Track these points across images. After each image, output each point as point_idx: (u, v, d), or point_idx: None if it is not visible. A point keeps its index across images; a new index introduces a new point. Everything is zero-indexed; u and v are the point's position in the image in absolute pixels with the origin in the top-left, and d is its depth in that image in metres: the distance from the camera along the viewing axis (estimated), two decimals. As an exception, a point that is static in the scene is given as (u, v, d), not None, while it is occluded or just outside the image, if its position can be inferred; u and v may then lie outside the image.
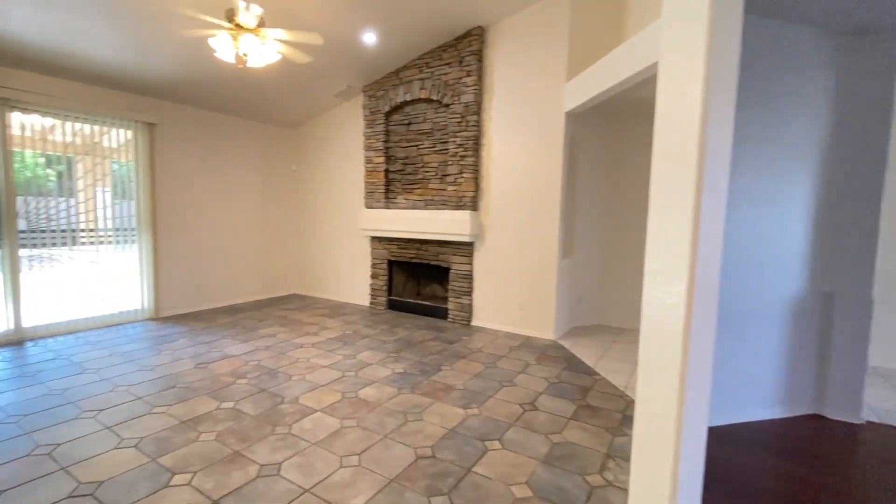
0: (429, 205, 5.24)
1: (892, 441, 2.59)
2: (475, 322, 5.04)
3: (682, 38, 1.29)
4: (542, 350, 4.17)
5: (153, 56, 4.13)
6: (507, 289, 4.77)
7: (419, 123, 5.29)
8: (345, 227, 6.24)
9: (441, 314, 5.29)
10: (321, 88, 5.49)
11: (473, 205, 4.86)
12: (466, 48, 4.69)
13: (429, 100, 5.13)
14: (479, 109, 4.77)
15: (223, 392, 3.10)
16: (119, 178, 4.90)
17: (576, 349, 4.23)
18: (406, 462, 2.29)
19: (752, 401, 2.82)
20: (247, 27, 3.10)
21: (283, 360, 3.75)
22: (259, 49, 3.18)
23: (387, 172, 5.59)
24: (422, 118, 5.26)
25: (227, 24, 3.08)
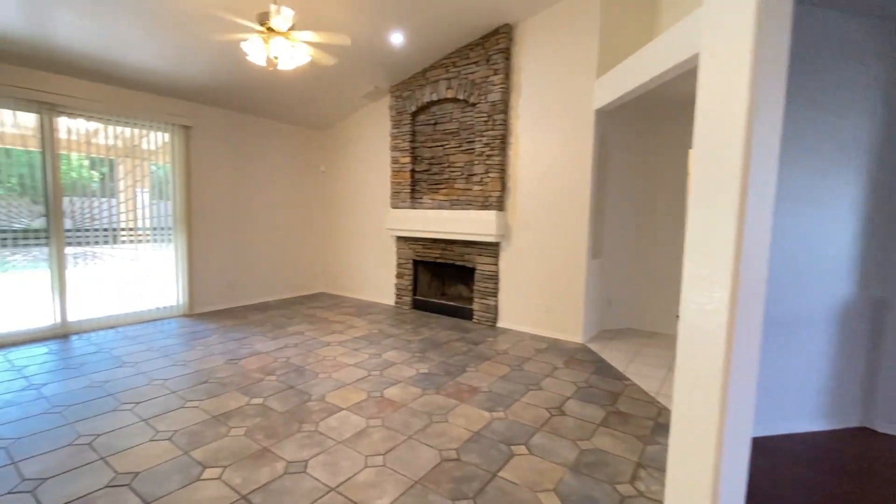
0: (454, 205, 5.22)
1: (954, 460, 2.40)
2: (501, 323, 4.99)
3: (727, 27, 1.22)
4: (570, 353, 4.08)
5: (189, 61, 4.27)
6: (534, 290, 4.69)
7: (445, 123, 5.27)
8: (371, 227, 6.29)
9: (466, 315, 5.26)
10: (348, 90, 5.55)
11: (500, 204, 4.80)
12: (494, 46, 4.64)
13: (455, 99, 5.10)
14: (506, 108, 4.72)
15: (253, 388, 3.16)
16: (157, 179, 5.09)
17: (605, 353, 4.12)
18: (431, 464, 2.27)
19: (795, 411, 2.67)
20: (278, 30, 3.15)
21: (311, 358, 3.80)
22: (289, 51, 3.23)
23: (413, 172, 5.60)
24: (448, 118, 5.24)
25: (259, 28, 3.14)
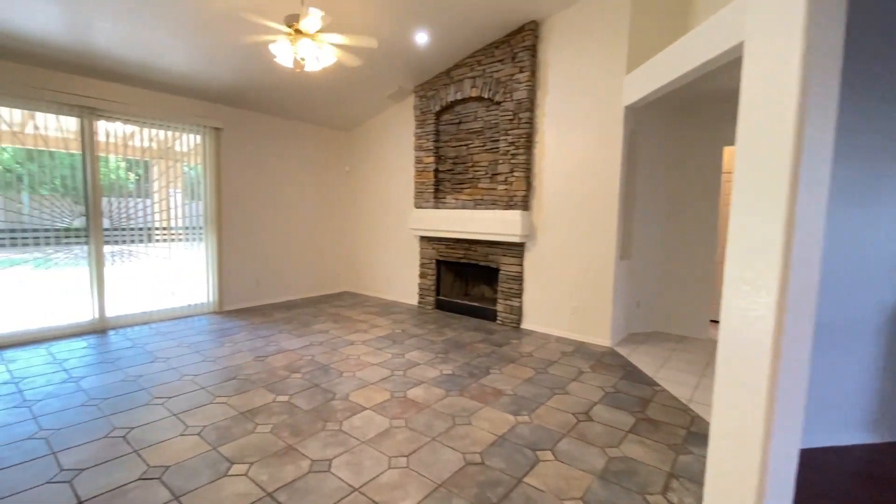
0: (478, 204, 5.17)
1: None
2: (525, 325, 4.91)
3: (775, 12, 1.14)
4: (597, 357, 3.97)
5: (219, 64, 4.37)
6: (560, 291, 4.60)
7: (469, 122, 5.23)
8: (394, 227, 6.31)
9: (489, 316, 5.21)
10: (373, 91, 5.57)
11: (525, 204, 4.73)
12: (520, 44, 4.57)
13: (480, 98, 5.06)
14: (532, 106, 4.64)
15: (279, 385, 3.20)
16: (189, 180, 5.24)
17: (634, 357, 3.99)
18: (454, 467, 2.24)
19: (840, 423, 2.51)
20: (306, 32, 3.18)
21: (335, 357, 3.83)
22: (316, 53, 3.26)
23: (436, 172, 5.58)
24: (472, 117, 5.20)
25: (287, 30, 3.18)
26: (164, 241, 5.05)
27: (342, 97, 5.60)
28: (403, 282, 6.23)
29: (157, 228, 4.98)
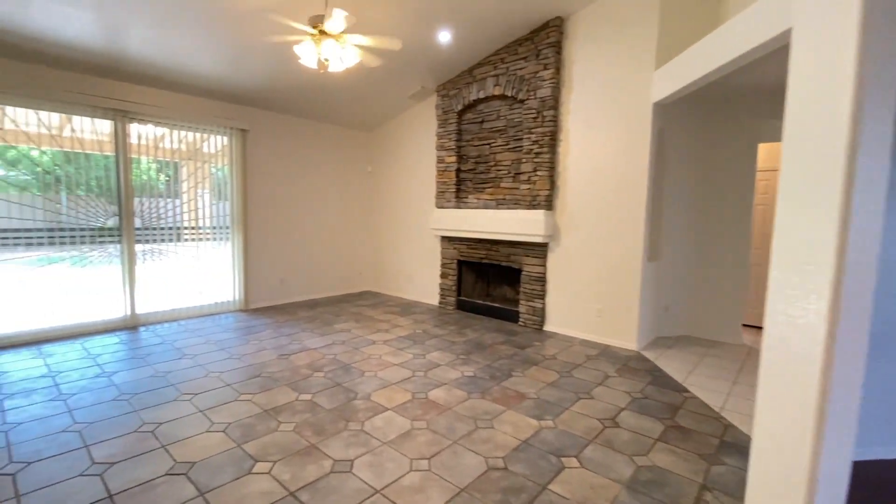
0: (500, 204, 5.11)
1: None
2: (548, 327, 4.82)
3: (829, -2, 1.06)
4: (623, 361, 3.86)
5: (245, 67, 4.44)
6: (585, 293, 4.50)
7: (492, 121, 5.17)
8: (416, 227, 6.30)
9: (511, 317, 5.14)
10: (395, 91, 5.58)
11: (548, 204, 4.64)
12: (544, 41, 4.49)
13: (503, 96, 4.99)
14: (557, 104, 4.55)
15: (302, 384, 3.22)
16: (217, 181, 5.36)
17: (661, 362, 3.86)
18: (477, 472, 2.20)
19: (890, 435, 2.35)
20: (331, 33, 3.19)
21: (357, 356, 3.83)
22: (339, 54, 3.27)
23: (458, 172, 5.54)
24: (495, 115, 5.14)
25: (312, 31, 3.19)
26: (193, 241, 5.17)
27: (364, 98, 5.62)
28: (424, 282, 6.22)
29: (186, 228, 5.11)
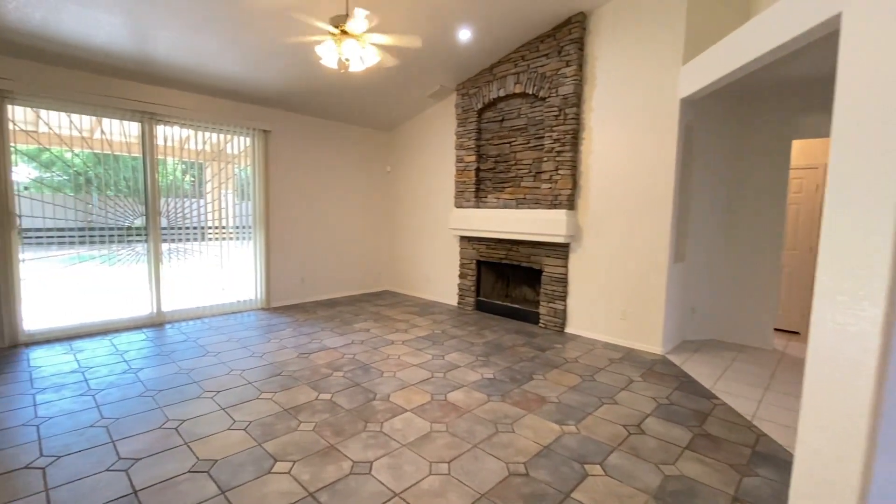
0: (521, 204, 5.03)
1: None
2: (569, 329, 4.73)
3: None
4: (648, 365, 3.75)
5: (267, 68, 4.49)
6: (607, 295, 4.39)
7: (512, 119, 5.10)
8: (435, 227, 6.28)
9: (531, 319, 5.06)
10: (415, 90, 5.56)
11: (570, 203, 4.55)
12: (566, 37, 4.40)
13: (524, 94, 4.92)
14: (579, 101, 4.45)
15: (321, 383, 3.23)
16: (240, 181, 5.44)
17: (688, 366, 3.74)
18: (497, 477, 2.15)
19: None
20: (352, 33, 3.18)
21: (376, 356, 3.83)
22: (360, 53, 3.26)
23: (478, 171, 5.49)
24: (515, 114, 5.07)
25: (334, 30, 3.19)
26: (216, 240, 5.27)
27: (384, 97, 5.62)
28: (443, 282, 6.19)
29: (210, 227, 5.20)
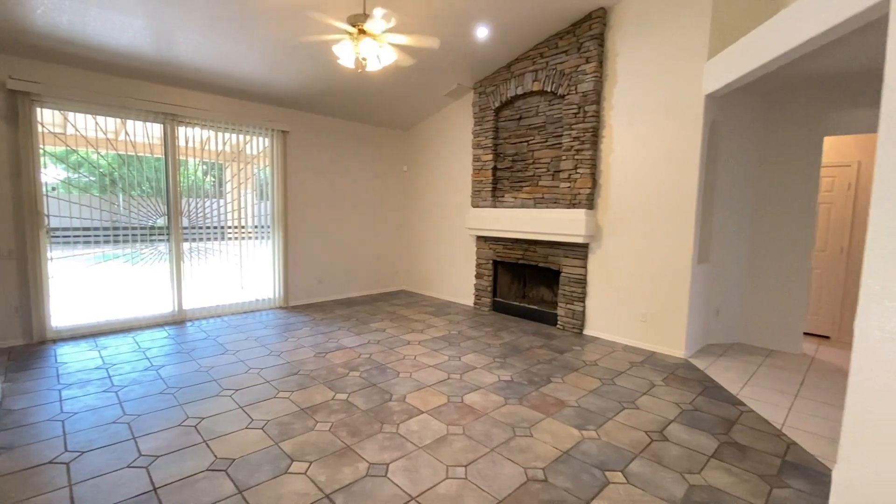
0: (538, 203, 4.96)
1: None
2: (588, 331, 4.64)
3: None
4: (671, 369, 3.65)
5: (285, 69, 4.52)
6: (628, 296, 4.29)
7: (530, 117, 5.03)
8: (451, 227, 6.24)
9: (549, 320, 4.98)
10: (431, 89, 5.53)
11: (589, 203, 4.46)
12: (586, 33, 4.31)
13: (542, 92, 4.84)
14: (599, 98, 4.36)
15: (338, 383, 3.23)
16: (259, 181, 5.50)
17: (712, 371, 3.62)
18: (515, 483, 2.11)
19: None
20: (370, 33, 3.17)
21: (392, 357, 3.82)
22: (377, 52, 3.25)
23: (495, 170, 5.43)
24: (533, 112, 4.99)
25: (352, 29, 3.19)
26: (236, 240, 5.34)
27: (401, 97, 5.61)
28: (459, 282, 6.15)
29: (230, 227, 5.28)
